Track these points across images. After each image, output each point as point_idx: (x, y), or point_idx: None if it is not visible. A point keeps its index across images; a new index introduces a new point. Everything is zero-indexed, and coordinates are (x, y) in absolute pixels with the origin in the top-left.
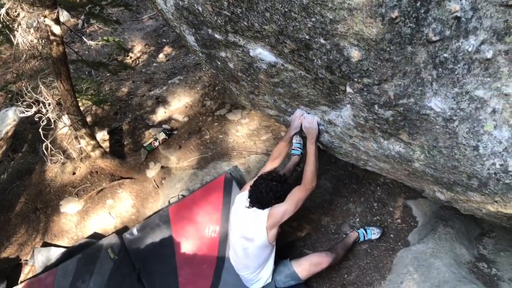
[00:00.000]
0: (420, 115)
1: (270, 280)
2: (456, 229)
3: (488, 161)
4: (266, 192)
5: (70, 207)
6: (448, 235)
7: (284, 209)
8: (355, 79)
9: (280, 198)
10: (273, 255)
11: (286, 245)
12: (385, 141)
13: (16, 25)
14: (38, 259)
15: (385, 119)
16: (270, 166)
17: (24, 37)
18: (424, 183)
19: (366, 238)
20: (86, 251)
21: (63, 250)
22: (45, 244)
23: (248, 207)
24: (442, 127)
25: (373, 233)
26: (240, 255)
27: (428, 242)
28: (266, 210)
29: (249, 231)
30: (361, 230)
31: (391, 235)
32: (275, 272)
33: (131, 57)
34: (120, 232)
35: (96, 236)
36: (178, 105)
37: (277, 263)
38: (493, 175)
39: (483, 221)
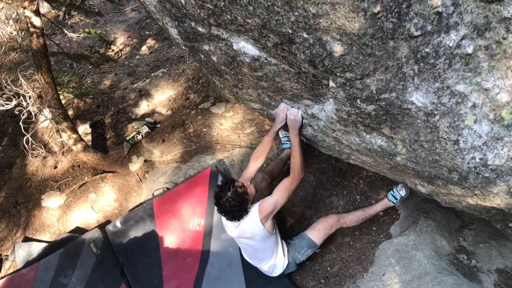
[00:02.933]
0: (401, 109)
1: (287, 261)
2: (437, 222)
3: (468, 155)
4: (232, 207)
5: (51, 202)
6: (429, 228)
7: (274, 201)
8: (338, 74)
9: (247, 201)
10: (279, 240)
11: None
12: (367, 135)
13: None
14: (19, 254)
15: (367, 113)
16: (253, 165)
17: (3, 29)
18: (406, 177)
19: (398, 198)
20: (68, 245)
21: (44, 245)
22: (26, 239)
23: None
24: (423, 121)
25: (399, 189)
26: (250, 251)
27: (410, 234)
28: (256, 206)
29: (246, 230)
30: (390, 194)
31: (374, 228)
32: (291, 250)
33: (113, 50)
34: (103, 226)
35: (79, 231)
36: (161, 98)
37: (290, 242)
38: (473, 169)
39: (463, 213)
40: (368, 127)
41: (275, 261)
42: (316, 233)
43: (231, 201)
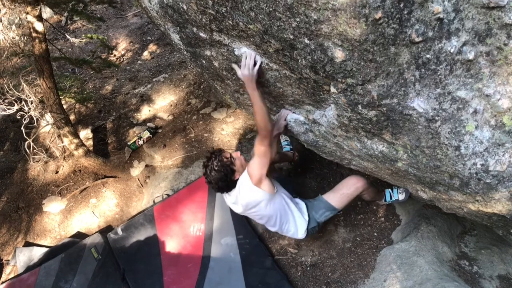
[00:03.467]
0: (403, 115)
1: (307, 217)
2: (438, 228)
3: (470, 161)
4: (216, 179)
5: (53, 206)
6: (431, 234)
7: (257, 163)
8: (339, 79)
9: (233, 172)
10: (287, 199)
11: (271, 242)
12: (368, 140)
13: None
14: (20, 259)
15: (369, 119)
16: None
17: (5, 34)
18: (407, 182)
19: (392, 199)
20: (69, 250)
21: (45, 249)
22: (27, 244)
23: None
24: (424, 127)
25: (399, 193)
26: (267, 221)
27: (411, 240)
28: (244, 174)
29: (248, 201)
30: (387, 191)
31: (375, 234)
32: (311, 209)
33: (115, 55)
34: (103, 231)
35: (80, 236)
36: (163, 103)
37: (308, 203)
38: (474, 175)
39: (464, 219)
40: (369, 132)
41: (294, 219)
42: (339, 197)
43: (216, 173)
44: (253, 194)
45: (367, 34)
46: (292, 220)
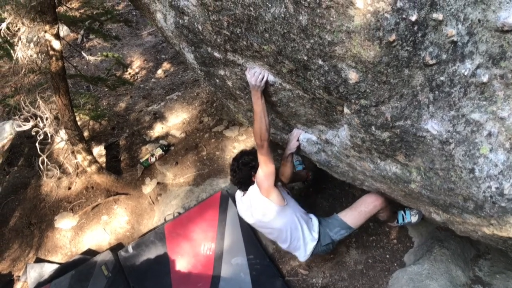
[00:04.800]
0: (416, 137)
1: (316, 234)
2: (451, 251)
3: (484, 184)
4: (239, 170)
5: (64, 223)
6: (444, 257)
7: (261, 173)
8: (353, 100)
9: (255, 167)
10: (299, 214)
11: (281, 263)
12: (381, 161)
13: (16, 40)
14: (30, 275)
15: (382, 140)
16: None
17: (23, 52)
18: (420, 204)
19: (405, 221)
20: (80, 267)
21: (56, 266)
22: (38, 260)
23: (243, 195)
24: (438, 149)
25: (412, 215)
26: (278, 235)
27: (424, 263)
28: (255, 185)
29: (258, 211)
30: (400, 212)
31: (387, 256)
32: (323, 227)
33: (129, 73)
34: (114, 248)
35: (90, 253)
36: (176, 121)
37: (322, 221)
38: (489, 198)
39: (479, 243)
40: (382, 154)
41: (303, 236)
42: (356, 215)
43: (241, 164)
44: (262, 203)
45: (381, 56)
46: (301, 237)
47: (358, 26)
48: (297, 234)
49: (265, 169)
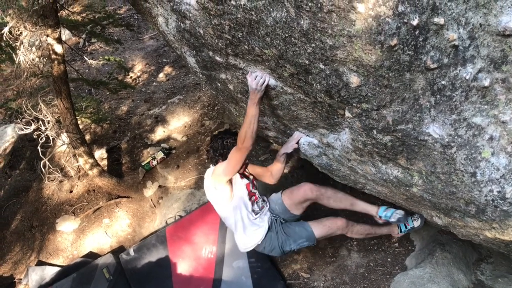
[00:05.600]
0: (418, 141)
1: (263, 240)
2: (453, 254)
3: (486, 188)
4: (213, 150)
5: (66, 226)
6: (446, 260)
7: (224, 167)
8: (354, 104)
9: (225, 153)
10: (246, 214)
11: (283, 266)
12: (383, 165)
13: (18, 44)
14: (32, 278)
15: (384, 144)
16: (264, 173)
17: (26, 56)
18: (422, 208)
19: (408, 227)
20: (81, 270)
21: (58, 269)
22: (40, 263)
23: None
24: (440, 153)
25: (414, 219)
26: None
27: (426, 266)
28: (211, 168)
29: (205, 189)
30: (400, 224)
31: (389, 259)
32: (285, 235)
33: (131, 77)
34: (116, 251)
35: (92, 256)
36: (177, 124)
37: (288, 226)
38: (491, 202)
39: (481, 246)
40: (384, 157)
41: (245, 236)
42: (321, 228)
43: (217, 145)
44: (207, 184)
45: (382, 60)
46: (240, 235)
47: (360, 31)
48: (237, 231)
49: (227, 167)
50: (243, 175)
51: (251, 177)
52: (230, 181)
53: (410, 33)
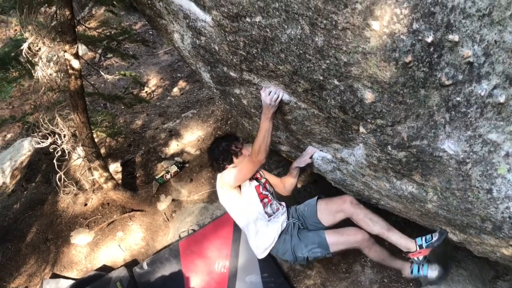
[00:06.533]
0: (433, 157)
1: (273, 244)
2: (469, 271)
3: (502, 205)
4: (215, 159)
5: (80, 239)
6: (461, 277)
7: (234, 174)
8: (369, 120)
9: (229, 158)
10: (258, 222)
11: (296, 281)
12: (398, 181)
13: (37, 59)
14: None
15: (398, 160)
16: (277, 181)
17: (44, 71)
18: (436, 224)
19: (420, 273)
20: (95, 283)
21: (71, 282)
22: (54, 276)
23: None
24: (455, 169)
25: (431, 269)
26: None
27: (441, 284)
28: (220, 174)
29: (220, 198)
30: (416, 265)
31: (403, 275)
32: (297, 239)
33: (146, 91)
34: (129, 265)
35: (105, 269)
36: (191, 138)
37: (304, 232)
38: (508, 219)
39: (497, 263)
40: (398, 173)
41: (257, 238)
42: (337, 236)
43: (218, 152)
44: (218, 187)
45: (397, 77)
46: (253, 239)
47: (374, 48)
48: (249, 235)
49: (238, 175)
50: (252, 178)
51: (263, 180)
52: (239, 186)
53: (425, 50)
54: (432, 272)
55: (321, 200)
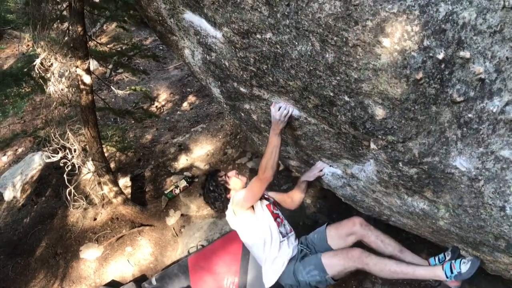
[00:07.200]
0: (445, 173)
1: (281, 268)
2: None
3: None
4: (215, 201)
5: (89, 253)
6: None
7: (243, 196)
8: (379, 136)
9: (224, 189)
10: (274, 243)
11: None
12: (409, 197)
13: (49, 75)
14: None
15: (410, 176)
16: (283, 197)
17: (55, 86)
18: (448, 241)
19: (454, 275)
20: None
21: None
22: None
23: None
24: (467, 186)
25: (464, 263)
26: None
27: None
28: (232, 196)
29: (231, 224)
30: (447, 264)
31: None
32: (299, 262)
33: (156, 106)
34: (138, 280)
35: (114, 284)
36: (200, 152)
37: (307, 256)
38: None
39: (511, 281)
40: (410, 190)
41: (265, 264)
42: (332, 257)
43: (212, 193)
44: (229, 214)
45: (408, 94)
46: (264, 263)
47: (385, 64)
48: (261, 261)
49: (247, 195)
50: (261, 197)
51: (271, 199)
52: (252, 206)
53: (436, 67)
54: (465, 266)
55: (330, 226)
